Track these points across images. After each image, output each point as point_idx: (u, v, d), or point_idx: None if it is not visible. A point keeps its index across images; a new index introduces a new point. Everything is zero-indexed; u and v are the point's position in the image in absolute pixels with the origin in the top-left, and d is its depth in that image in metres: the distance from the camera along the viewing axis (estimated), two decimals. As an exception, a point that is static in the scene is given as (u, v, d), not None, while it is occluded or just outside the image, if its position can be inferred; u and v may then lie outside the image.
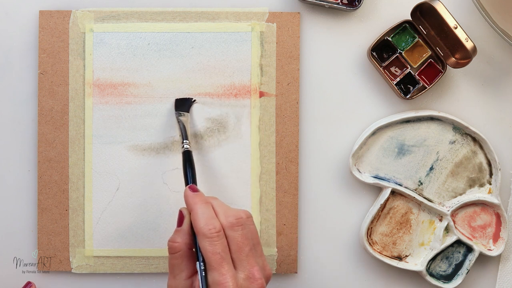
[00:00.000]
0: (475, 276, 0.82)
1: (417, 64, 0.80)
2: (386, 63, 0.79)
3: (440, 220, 0.80)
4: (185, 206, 0.69)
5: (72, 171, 0.80)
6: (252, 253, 0.65)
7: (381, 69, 0.79)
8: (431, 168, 0.80)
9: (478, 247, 0.80)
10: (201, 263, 0.65)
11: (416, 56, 0.80)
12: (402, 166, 0.80)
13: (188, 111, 0.79)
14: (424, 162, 0.80)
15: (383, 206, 0.80)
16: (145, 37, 0.80)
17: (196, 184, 0.71)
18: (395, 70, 0.80)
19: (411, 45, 0.80)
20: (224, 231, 0.64)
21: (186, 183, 0.71)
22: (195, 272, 0.66)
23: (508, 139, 0.81)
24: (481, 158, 0.80)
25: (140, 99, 0.80)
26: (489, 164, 0.80)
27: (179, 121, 0.77)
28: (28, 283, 0.80)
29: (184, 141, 0.74)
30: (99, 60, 0.80)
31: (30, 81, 0.81)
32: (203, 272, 0.64)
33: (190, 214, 0.67)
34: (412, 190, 0.80)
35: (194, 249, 0.67)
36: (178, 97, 0.79)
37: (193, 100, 0.79)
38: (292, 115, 0.80)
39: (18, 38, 0.81)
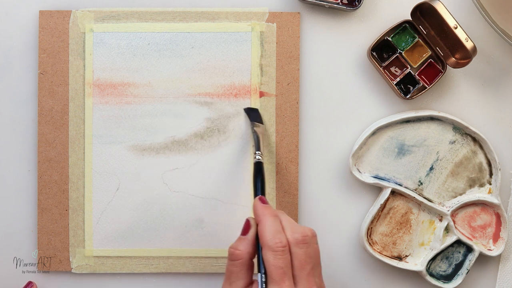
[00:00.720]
0: (475, 276, 0.82)
1: (417, 64, 0.80)
2: (386, 63, 0.79)
3: (440, 220, 0.80)
4: (252, 216, 0.69)
5: (72, 171, 0.80)
6: (312, 272, 0.65)
7: (381, 69, 0.79)
8: (431, 168, 0.80)
9: (478, 247, 0.80)
10: (263, 275, 0.65)
11: (416, 56, 0.80)
12: (402, 166, 0.80)
13: (262, 122, 0.78)
14: (424, 162, 0.80)
15: (383, 206, 0.80)
16: (145, 37, 0.80)
17: (265, 196, 0.71)
18: (395, 70, 0.80)
19: (411, 45, 0.80)
20: (289, 247, 0.64)
21: (255, 194, 0.70)
22: (251, 283, 0.66)
23: (508, 139, 0.81)
24: (481, 158, 0.80)
25: (140, 99, 0.80)
26: (489, 164, 0.80)
27: (254, 132, 0.76)
28: (29, 283, 0.80)
29: (257, 152, 0.73)
30: (99, 60, 0.80)
31: (30, 81, 0.81)
32: (264, 284, 0.64)
33: (257, 225, 0.67)
34: (412, 190, 0.80)
35: (254, 260, 0.67)
36: (246, 107, 0.79)
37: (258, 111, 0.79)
38: (292, 115, 0.80)
39: (18, 38, 0.81)
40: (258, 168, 0.72)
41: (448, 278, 0.80)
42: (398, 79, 0.79)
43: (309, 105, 0.81)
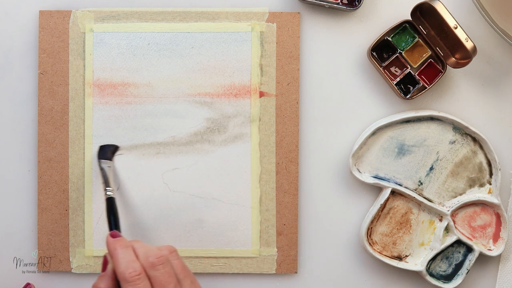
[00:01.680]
0: (475, 276, 0.82)
1: (417, 64, 0.80)
2: (386, 63, 0.79)
3: (440, 220, 0.80)
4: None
5: (72, 171, 0.80)
6: None
7: (381, 69, 0.79)
8: (431, 168, 0.80)
9: (478, 247, 0.80)
10: None
11: (416, 56, 0.80)
12: (402, 166, 0.80)
13: (111, 159, 0.79)
14: (424, 162, 0.80)
15: (383, 206, 0.80)
16: (145, 37, 0.80)
17: (119, 230, 0.71)
18: (395, 70, 0.80)
19: (411, 45, 0.80)
20: (146, 272, 0.64)
21: (109, 229, 0.72)
22: None
23: (508, 139, 0.81)
24: (481, 158, 0.80)
25: (140, 99, 0.80)
26: (489, 164, 0.80)
27: (101, 169, 0.77)
28: (27, 284, 0.80)
29: (107, 188, 0.75)
30: (99, 60, 0.80)
31: (30, 81, 0.81)
32: None
33: (112, 259, 0.66)
34: (412, 190, 0.80)
35: None
36: (102, 144, 0.79)
37: (116, 147, 0.79)
38: (292, 115, 0.80)
39: (18, 38, 0.81)
40: (110, 204, 0.74)
41: (448, 278, 0.80)
42: (398, 79, 0.79)
43: (309, 105, 0.81)
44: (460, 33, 0.75)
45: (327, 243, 0.81)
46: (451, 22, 0.75)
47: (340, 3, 0.79)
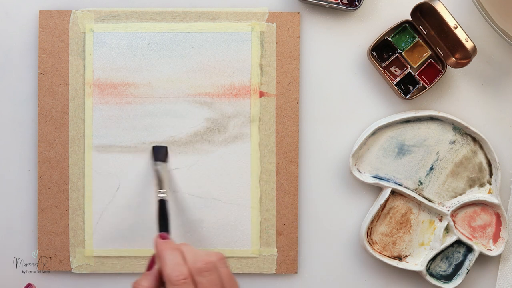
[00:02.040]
0: (475, 276, 0.82)
1: (417, 64, 0.80)
2: (386, 63, 0.79)
3: (440, 220, 0.80)
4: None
5: (72, 171, 0.80)
6: None
7: (381, 69, 0.79)
8: (431, 168, 0.80)
9: (478, 247, 0.80)
10: None
11: (416, 56, 0.80)
12: (402, 166, 0.80)
13: (164, 160, 0.79)
14: (424, 162, 0.80)
15: (383, 206, 0.80)
16: (145, 37, 0.80)
17: (169, 233, 0.72)
18: (395, 70, 0.80)
19: (411, 45, 0.80)
20: (192, 277, 0.63)
21: (159, 231, 0.72)
22: None
23: (508, 139, 0.81)
24: (481, 158, 0.80)
25: (140, 99, 0.80)
26: (489, 164, 0.80)
27: (155, 171, 0.77)
28: (29, 285, 0.80)
29: (160, 190, 0.75)
30: (99, 60, 0.80)
31: (30, 81, 0.81)
32: None
33: (159, 260, 0.66)
34: (412, 190, 0.80)
35: None
36: (155, 145, 0.79)
37: (167, 149, 0.79)
38: (292, 115, 0.80)
39: (18, 38, 0.81)
40: (162, 206, 0.74)
41: (448, 278, 0.80)
42: (398, 79, 0.79)
43: (309, 105, 0.81)
44: (460, 33, 0.75)
45: (327, 243, 0.81)
46: (451, 22, 0.75)
47: (340, 3, 0.79)
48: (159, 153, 0.79)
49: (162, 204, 0.74)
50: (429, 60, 0.80)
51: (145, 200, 0.80)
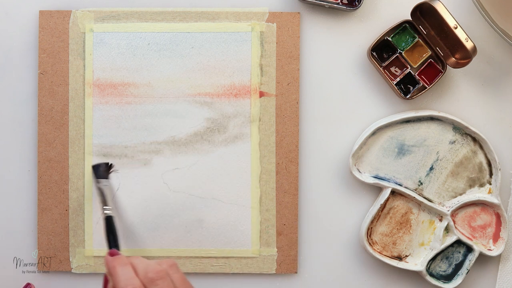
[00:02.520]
0: (475, 276, 0.82)
1: (417, 64, 0.80)
2: (386, 63, 0.79)
3: (440, 220, 0.80)
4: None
5: (72, 171, 0.80)
6: None
7: (381, 69, 0.79)
8: (431, 168, 0.80)
9: (478, 247, 0.80)
10: None
11: (416, 56, 0.80)
12: (402, 166, 0.80)
13: (106, 177, 0.79)
14: (424, 162, 0.80)
15: (383, 206, 0.80)
16: (145, 37, 0.80)
17: (118, 249, 0.72)
18: (395, 70, 0.80)
19: (411, 45, 0.80)
20: None
21: (109, 248, 0.72)
22: None
23: (508, 139, 0.81)
24: (481, 158, 0.80)
25: (140, 99, 0.80)
26: (489, 164, 0.80)
27: (98, 188, 0.78)
28: (27, 284, 0.80)
29: (104, 207, 0.76)
30: (99, 60, 0.80)
31: (30, 81, 0.81)
32: None
33: (111, 277, 0.66)
34: (412, 190, 0.80)
35: None
36: (94, 163, 0.79)
37: (109, 164, 0.79)
38: (292, 115, 0.80)
39: (18, 38, 0.81)
40: (108, 223, 0.74)
41: (448, 278, 0.80)
42: (398, 79, 0.79)
43: (309, 105, 0.81)
44: (460, 33, 0.75)
45: (327, 243, 0.81)
46: (451, 22, 0.75)
47: (340, 3, 0.79)
48: (99, 171, 0.79)
49: (109, 220, 0.75)
50: (429, 60, 0.80)
51: (145, 200, 0.80)
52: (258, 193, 0.80)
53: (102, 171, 0.79)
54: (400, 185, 0.80)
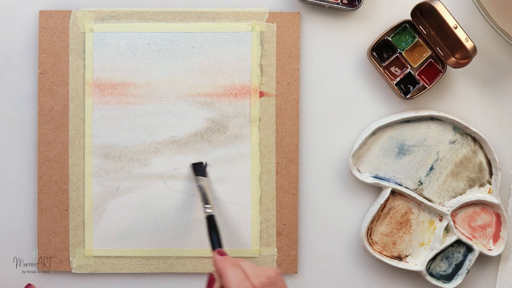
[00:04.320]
0: (475, 276, 0.82)
1: (417, 64, 0.80)
2: (386, 63, 0.79)
3: (440, 220, 0.80)
4: (214, 270, 0.68)
5: (72, 171, 0.80)
6: None
7: (381, 69, 0.79)
8: (431, 168, 0.80)
9: (478, 247, 0.80)
10: None
11: (416, 56, 0.80)
12: (402, 166, 0.80)
13: (206, 175, 0.79)
14: (424, 162, 0.80)
15: (383, 206, 0.80)
16: (145, 37, 0.80)
17: (222, 248, 0.71)
18: (395, 70, 0.80)
19: (411, 45, 0.80)
20: None
21: (213, 248, 0.71)
22: None
23: (508, 139, 0.81)
24: (481, 158, 0.80)
25: (140, 99, 0.80)
26: (489, 164, 0.80)
27: (199, 187, 0.77)
28: (28, 285, 0.80)
29: (206, 205, 0.75)
30: (99, 60, 0.80)
31: (30, 81, 0.81)
32: None
33: (220, 278, 0.66)
34: (412, 190, 0.80)
35: None
36: (193, 162, 0.79)
37: (206, 163, 0.79)
38: (292, 115, 0.80)
39: (18, 38, 0.81)
40: (211, 222, 0.73)
41: (448, 278, 0.80)
42: (398, 79, 0.79)
43: (309, 105, 0.81)
44: (460, 33, 0.75)
45: (327, 243, 0.81)
46: (451, 22, 0.75)
47: (340, 3, 0.79)
48: (199, 169, 0.78)
49: (210, 219, 0.73)
50: (429, 60, 0.80)
51: (145, 200, 0.80)
52: (258, 193, 0.80)
53: (201, 169, 0.78)
54: (400, 185, 0.80)
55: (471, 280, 0.82)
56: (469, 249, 0.80)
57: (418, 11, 0.77)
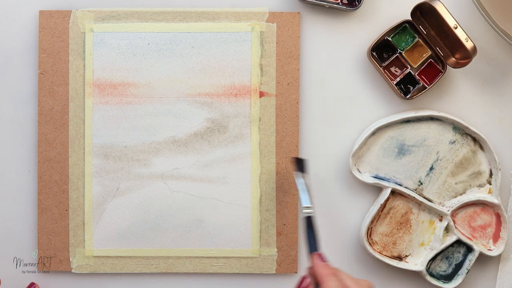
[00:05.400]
0: (475, 276, 0.82)
1: (417, 64, 0.80)
2: (386, 63, 0.79)
3: (440, 220, 0.80)
4: (307, 273, 0.68)
5: (72, 171, 0.80)
6: None
7: (381, 69, 0.79)
8: (431, 168, 0.80)
9: (478, 247, 0.80)
10: None
11: (416, 56, 0.80)
12: (402, 166, 0.80)
13: (306, 171, 0.77)
14: (424, 162, 0.80)
15: (383, 206, 0.80)
16: (145, 37, 0.80)
17: (320, 251, 0.70)
18: (395, 70, 0.80)
19: (411, 45, 0.80)
20: None
21: (311, 250, 0.69)
22: None
23: (508, 139, 0.81)
24: (481, 158, 0.80)
25: (140, 99, 0.80)
26: (489, 164, 0.80)
27: (301, 184, 0.75)
28: (32, 284, 0.80)
29: (306, 206, 0.73)
30: (99, 60, 0.80)
31: (30, 81, 0.81)
32: None
33: (317, 284, 0.66)
34: (412, 190, 0.80)
35: None
36: (296, 157, 0.78)
37: (307, 161, 0.78)
38: (292, 115, 0.80)
39: (18, 38, 0.81)
40: (310, 224, 0.71)
41: (448, 278, 0.80)
42: (398, 79, 0.80)
43: (309, 105, 0.81)
44: (460, 33, 0.75)
45: (327, 243, 0.81)
46: (451, 22, 0.75)
47: (340, 3, 0.79)
48: (303, 165, 0.76)
49: (309, 220, 0.71)
50: (429, 60, 0.80)
51: (145, 200, 0.80)
52: (258, 193, 0.80)
53: (304, 165, 0.76)
54: (400, 185, 0.80)
55: (471, 280, 0.82)
56: (469, 249, 0.80)
57: (418, 11, 0.77)
